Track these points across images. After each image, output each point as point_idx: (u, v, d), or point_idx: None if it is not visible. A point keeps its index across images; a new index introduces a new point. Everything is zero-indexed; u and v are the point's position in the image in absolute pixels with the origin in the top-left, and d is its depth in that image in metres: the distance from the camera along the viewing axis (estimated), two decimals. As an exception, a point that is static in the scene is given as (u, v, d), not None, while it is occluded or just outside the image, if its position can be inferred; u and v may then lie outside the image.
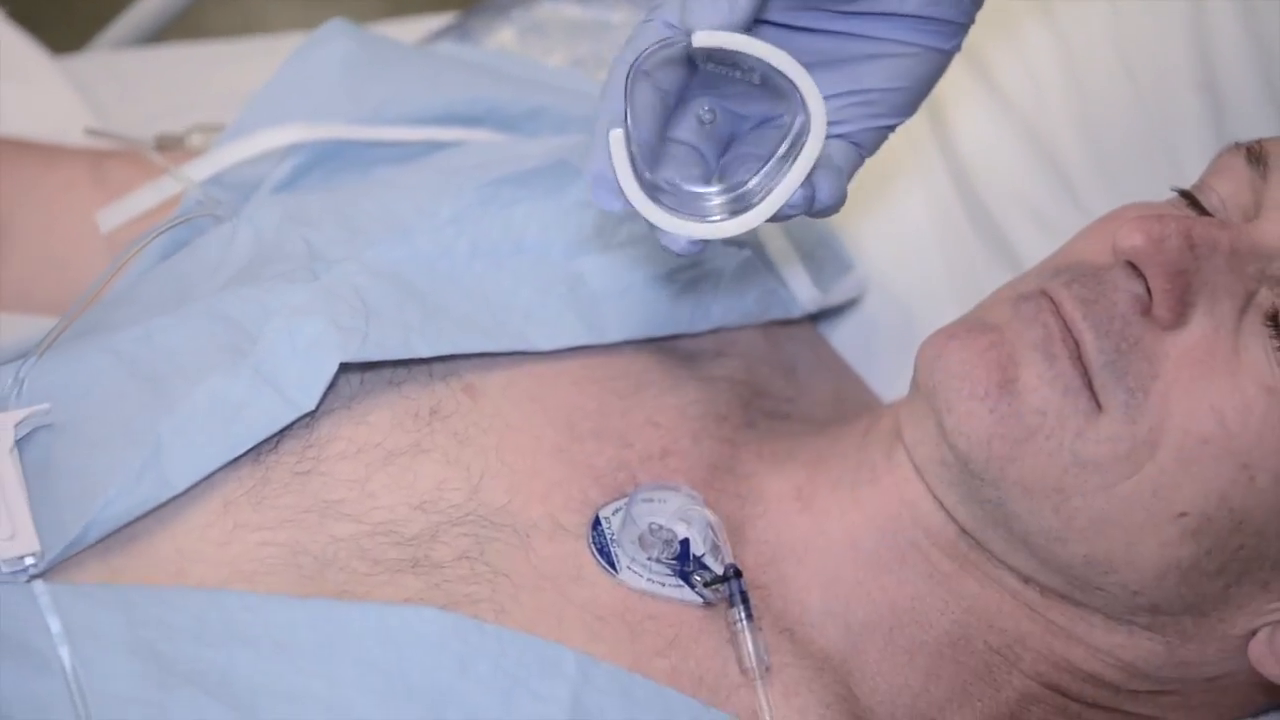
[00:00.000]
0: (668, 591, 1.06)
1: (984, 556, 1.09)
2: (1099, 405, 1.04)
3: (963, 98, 1.46)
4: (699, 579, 1.06)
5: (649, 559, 1.06)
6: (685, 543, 1.06)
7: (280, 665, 0.96)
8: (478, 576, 1.03)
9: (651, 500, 1.08)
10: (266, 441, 1.05)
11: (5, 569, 0.98)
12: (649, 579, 1.06)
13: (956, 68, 1.45)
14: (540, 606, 1.03)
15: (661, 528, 1.06)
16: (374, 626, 0.97)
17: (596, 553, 1.06)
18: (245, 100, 1.27)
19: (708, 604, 1.06)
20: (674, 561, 1.06)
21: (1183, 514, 1.03)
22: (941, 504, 1.10)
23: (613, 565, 1.06)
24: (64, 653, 0.94)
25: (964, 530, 1.09)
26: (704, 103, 0.99)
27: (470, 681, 0.97)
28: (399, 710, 0.95)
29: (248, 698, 0.94)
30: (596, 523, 1.08)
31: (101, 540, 1.01)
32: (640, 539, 1.06)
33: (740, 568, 1.06)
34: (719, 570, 1.06)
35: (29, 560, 0.98)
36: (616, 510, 1.09)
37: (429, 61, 1.32)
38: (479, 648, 0.98)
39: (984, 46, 1.47)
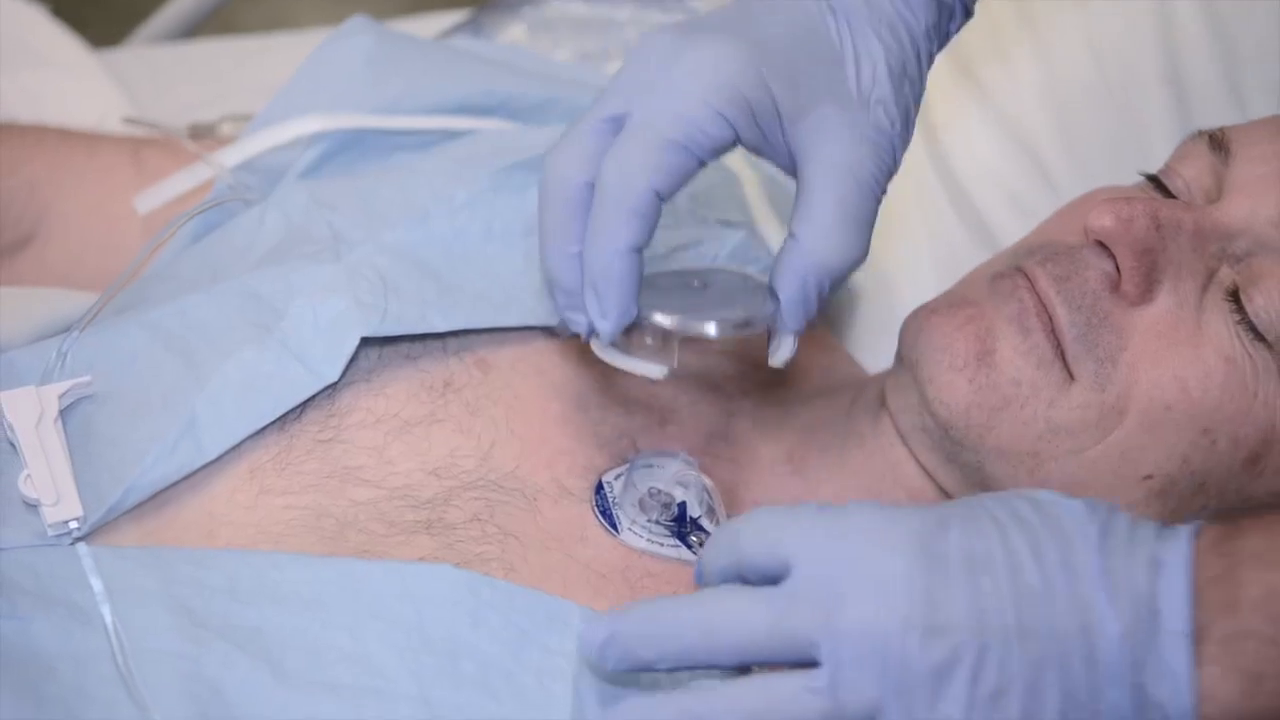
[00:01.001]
0: (666, 551, 1.07)
1: None
2: (1071, 375, 1.06)
3: (947, 93, 1.47)
4: (695, 539, 1.07)
5: (648, 521, 1.07)
6: (682, 505, 1.08)
7: (307, 620, 0.97)
8: (488, 537, 1.04)
9: (651, 466, 1.09)
10: (291, 412, 1.07)
11: (51, 533, 0.99)
12: (648, 539, 1.07)
13: (941, 68, 1.48)
14: (546, 565, 1.04)
15: (660, 491, 1.08)
16: (394, 584, 0.99)
17: (599, 515, 1.08)
18: (273, 92, 1.28)
19: None
20: (672, 523, 1.08)
21: (1148, 476, 1.06)
22: (924, 467, 1.12)
23: (614, 527, 1.07)
24: (106, 611, 0.96)
25: (944, 491, 1.12)
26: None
27: (483, 634, 0.98)
28: (418, 662, 0.96)
29: (277, 651, 0.96)
30: (600, 487, 1.09)
31: (137, 505, 1.03)
32: (640, 502, 1.08)
33: None
34: (713, 529, 1.08)
35: (73, 524, 1.00)
36: (618, 475, 1.10)
37: (445, 55, 1.33)
38: (490, 603, 0.99)
39: (967, 46, 1.48)
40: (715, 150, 0.97)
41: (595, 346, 1.02)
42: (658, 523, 1.08)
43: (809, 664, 0.89)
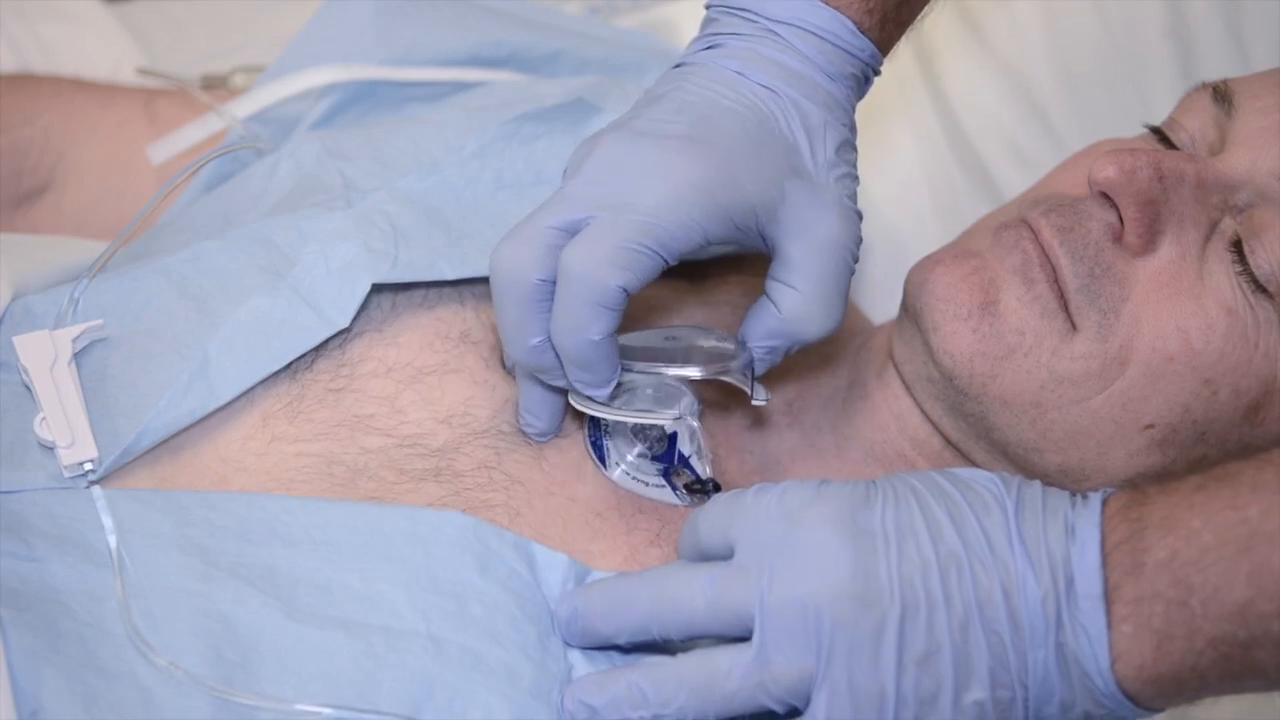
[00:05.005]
0: (650, 492, 1.07)
1: (966, 465, 1.11)
2: (1074, 325, 1.06)
3: (951, 45, 1.47)
4: (679, 478, 1.07)
5: (638, 455, 1.07)
6: (673, 438, 1.07)
7: (317, 561, 0.98)
8: (494, 484, 1.05)
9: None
10: (302, 360, 1.07)
11: (66, 474, 0.99)
12: (635, 477, 1.07)
13: (947, 19, 1.48)
14: (549, 509, 1.05)
15: (651, 425, 1.07)
16: (404, 527, 0.99)
17: (591, 447, 1.08)
18: (285, 43, 1.28)
19: (689, 504, 1.07)
20: (662, 457, 1.07)
21: (1150, 426, 1.05)
22: (928, 417, 1.12)
23: (603, 460, 1.07)
24: (112, 540, 0.96)
25: (948, 441, 1.11)
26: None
27: (490, 581, 0.98)
28: (426, 602, 0.97)
29: (288, 589, 0.96)
30: (594, 418, 1.08)
31: (151, 450, 1.03)
32: (632, 431, 1.07)
33: (725, 475, 1.09)
34: (701, 471, 1.07)
35: (88, 466, 1.00)
36: None
37: (455, 7, 1.32)
38: (498, 551, 1.00)
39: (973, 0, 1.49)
40: (686, 250, 1.00)
41: (597, 409, 1.05)
42: (646, 456, 1.08)
43: (748, 638, 0.93)
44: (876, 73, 1.08)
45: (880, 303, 1.36)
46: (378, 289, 1.09)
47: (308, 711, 0.92)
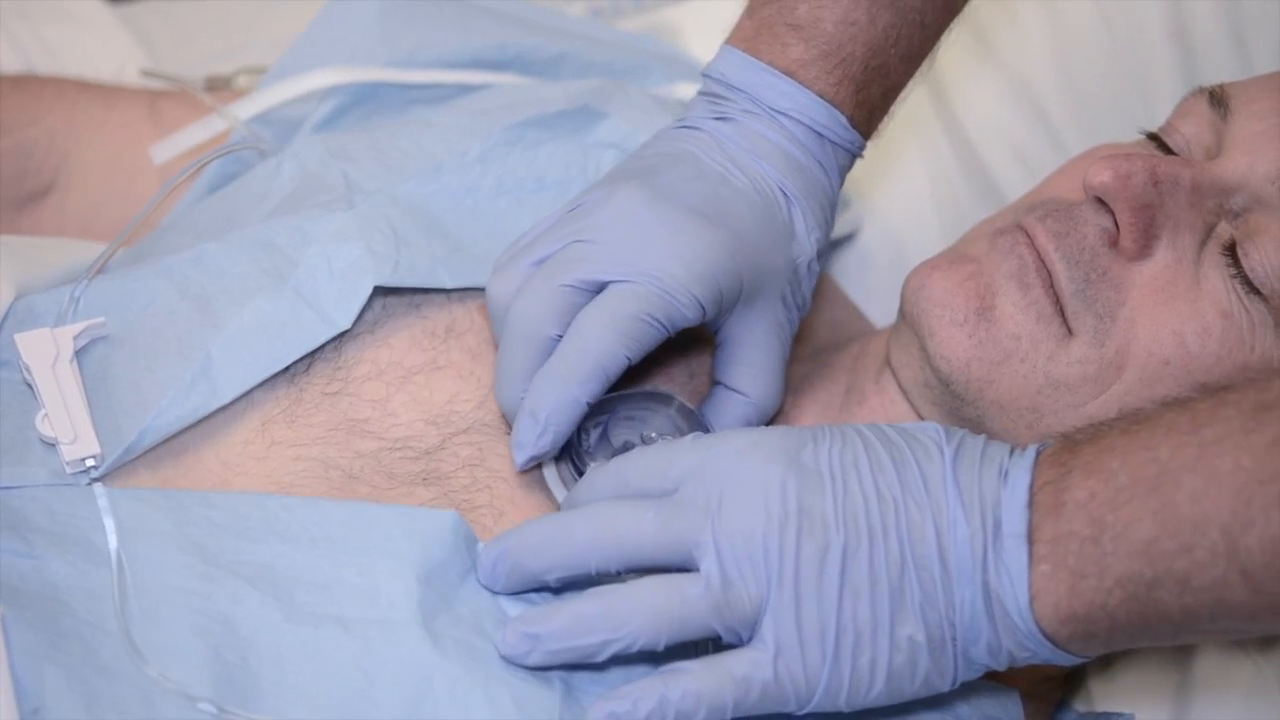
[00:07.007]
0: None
1: None
2: (1070, 330, 1.06)
3: (953, 48, 1.47)
4: None
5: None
6: None
7: (316, 558, 0.98)
8: (478, 484, 1.05)
9: (632, 418, 1.09)
10: (299, 364, 1.08)
11: (69, 470, 1.00)
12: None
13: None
14: (532, 506, 1.06)
15: (634, 446, 1.07)
16: (400, 524, 1.00)
17: (576, 474, 1.07)
18: (289, 44, 1.29)
19: None
20: None
21: None
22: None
23: (579, 474, 1.07)
24: (112, 539, 0.97)
25: None
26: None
27: (468, 586, 0.99)
28: (422, 595, 0.97)
29: (286, 586, 0.97)
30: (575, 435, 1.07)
31: (153, 452, 1.03)
32: (614, 455, 1.06)
33: None
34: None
35: (90, 462, 1.00)
36: (597, 424, 1.08)
37: (459, 9, 1.32)
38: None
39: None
40: (683, 326, 1.04)
41: (550, 480, 1.07)
42: None
43: (692, 568, 0.94)
44: (859, 157, 1.14)
45: (881, 308, 1.37)
46: (371, 291, 1.10)
47: None
